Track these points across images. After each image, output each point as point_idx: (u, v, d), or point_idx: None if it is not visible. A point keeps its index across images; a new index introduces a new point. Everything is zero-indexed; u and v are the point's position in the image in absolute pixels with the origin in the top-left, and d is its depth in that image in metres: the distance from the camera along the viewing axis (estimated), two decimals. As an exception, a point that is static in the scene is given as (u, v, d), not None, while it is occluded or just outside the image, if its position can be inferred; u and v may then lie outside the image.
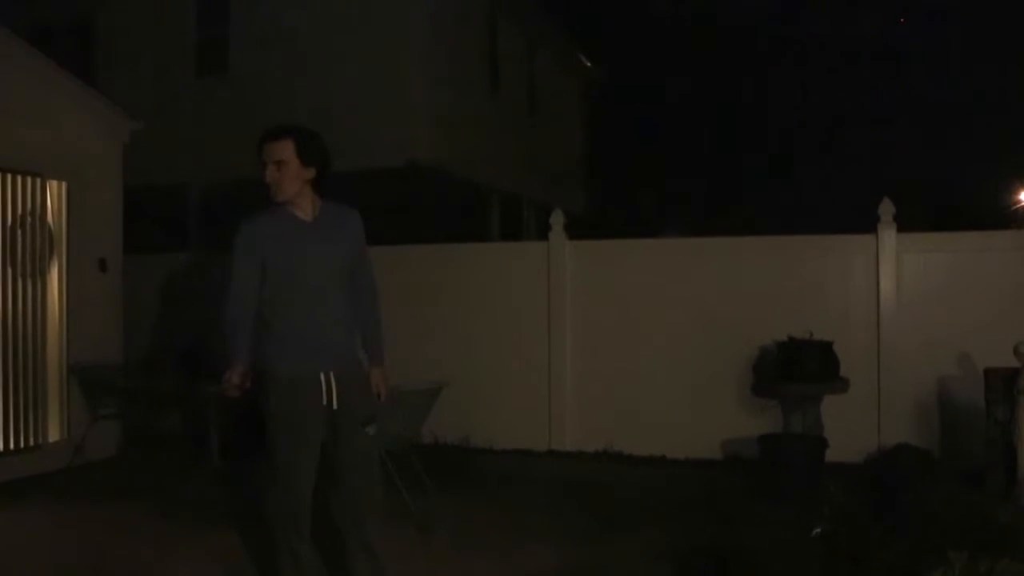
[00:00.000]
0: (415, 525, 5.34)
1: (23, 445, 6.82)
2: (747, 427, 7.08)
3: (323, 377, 3.65)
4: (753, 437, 6.60)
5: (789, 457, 6.15)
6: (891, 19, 24.72)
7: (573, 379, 7.80)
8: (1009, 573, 2.70)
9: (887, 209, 7.13)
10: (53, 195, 7.13)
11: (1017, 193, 23.30)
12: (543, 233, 8.11)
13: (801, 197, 22.03)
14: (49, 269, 7.10)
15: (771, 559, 4.65)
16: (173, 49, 12.86)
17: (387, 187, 11.10)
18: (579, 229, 8.53)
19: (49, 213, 7.10)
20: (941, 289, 7.06)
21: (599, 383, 7.73)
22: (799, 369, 6.60)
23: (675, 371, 7.51)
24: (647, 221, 20.04)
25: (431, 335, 8.02)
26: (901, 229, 7.13)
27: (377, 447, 3.97)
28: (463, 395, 7.16)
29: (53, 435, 7.07)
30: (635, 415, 7.55)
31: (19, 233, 6.81)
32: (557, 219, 7.93)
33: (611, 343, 7.73)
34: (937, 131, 23.31)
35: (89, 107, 7.48)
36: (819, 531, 5.02)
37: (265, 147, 3.68)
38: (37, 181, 6.96)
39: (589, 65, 18.95)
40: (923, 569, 2.98)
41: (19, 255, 6.81)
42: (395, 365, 4.49)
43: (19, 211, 6.82)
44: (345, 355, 3.76)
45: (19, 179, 6.81)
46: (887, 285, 7.11)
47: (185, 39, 12.96)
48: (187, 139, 12.06)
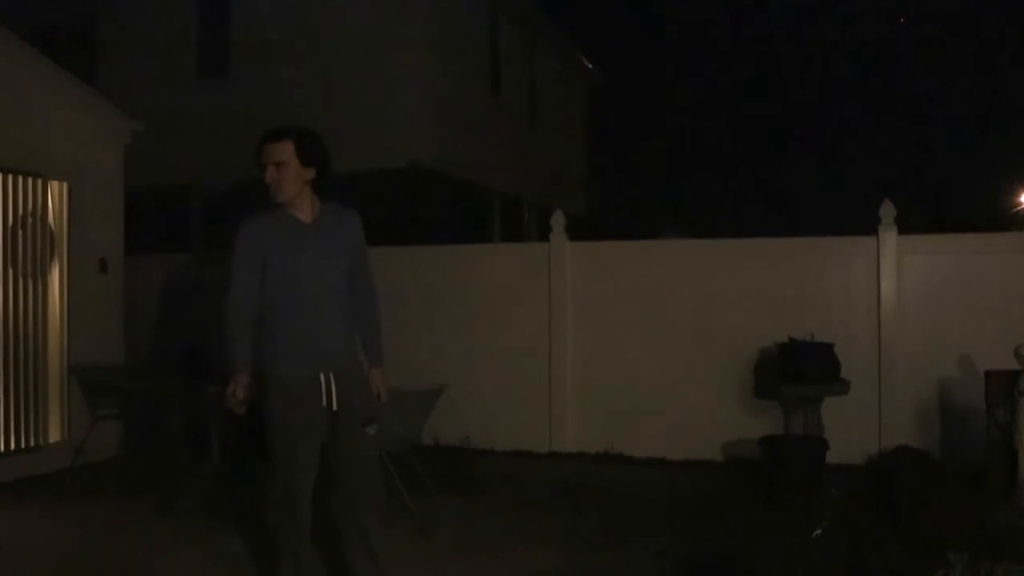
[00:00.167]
0: (416, 526, 5.33)
1: (24, 446, 6.82)
2: (748, 429, 7.07)
3: (323, 378, 3.66)
4: (754, 439, 6.59)
5: (790, 459, 6.14)
6: (891, 19, 24.73)
7: (574, 380, 7.80)
8: (1010, 575, 2.70)
9: (888, 211, 7.13)
10: (54, 196, 7.14)
11: (1018, 195, 23.30)
12: (544, 234, 8.11)
13: (802, 198, 22.04)
14: (50, 269, 7.10)
15: (772, 561, 4.65)
16: (174, 50, 12.88)
17: (388, 188, 11.12)
18: (580, 230, 8.54)
19: (50, 213, 7.10)
20: (942, 291, 7.06)
21: (600, 384, 7.72)
22: (800, 371, 6.59)
23: (676, 372, 7.51)
24: (648, 222, 20.04)
25: (432, 336, 8.02)
26: (902, 231, 7.13)
27: (377, 448, 3.97)
28: (464, 396, 7.17)
29: (54, 436, 7.07)
30: (636, 416, 7.55)
31: (20, 233, 6.82)
32: (558, 220, 7.93)
33: (612, 344, 7.73)
34: (938, 132, 23.31)
35: (90, 108, 7.48)
36: (820, 532, 5.03)
37: (265, 148, 3.68)
38: (38, 182, 6.97)
39: (590, 67, 18.97)
40: (923, 571, 2.98)
41: (20, 255, 6.82)
42: (396, 366, 4.50)
43: (20, 211, 6.82)
44: (345, 356, 3.76)
45: (20, 179, 6.82)
46: (888, 287, 7.10)
47: (186, 40, 12.98)
48: (188, 140, 12.07)
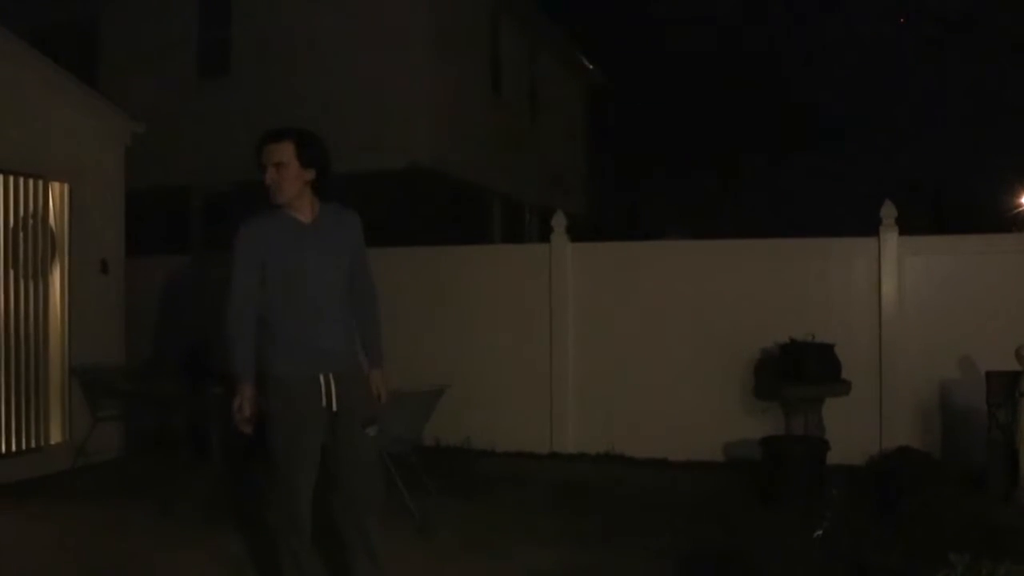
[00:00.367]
0: (416, 527, 5.34)
1: (25, 447, 6.83)
2: (749, 429, 7.07)
3: (322, 379, 3.65)
4: (755, 439, 6.59)
5: (791, 459, 6.14)
6: (892, 19, 24.74)
7: (575, 381, 7.80)
8: (1011, 575, 2.70)
9: (889, 212, 7.13)
10: (55, 197, 7.14)
11: (1019, 196, 23.29)
12: (545, 235, 8.12)
13: (803, 199, 22.03)
14: (51, 271, 7.10)
15: (772, 561, 4.65)
16: (175, 51, 12.87)
17: (389, 189, 11.12)
18: (581, 231, 8.54)
19: (51, 215, 7.10)
20: (943, 292, 7.06)
21: (601, 385, 7.72)
22: (801, 371, 6.59)
23: (677, 373, 7.50)
24: (648, 223, 20.05)
25: (433, 337, 8.02)
26: (903, 232, 7.13)
27: (377, 449, 3.97)
28: (465, 397, 7.17)
29: (55, 437, 7.07)
30: (637, 417, 7.55)
31: (21, 235, 6.82)
32: (559, 221, 7.93)
33: (612, 345, 7.73)
34: (939, 133, 23.31)
35: (91, 109, 7.49)
36: (820, 533, 5.03)
37: (265, 149, 3.67)
38: (39, 183, 6.97)
39: (591, 68, 18.97)
40: (924, 571, 2.98)
41: (21, 257, 6.82)
42: (396, 367, 4.50)
43: (21, 213, 6.83)
44: (344, 357, 3.76)
45: (21, 181, 6.82)
46: (889, 288, 7.10)
47: (187, 41, 12.97)
48: (189, 141, 12.07)
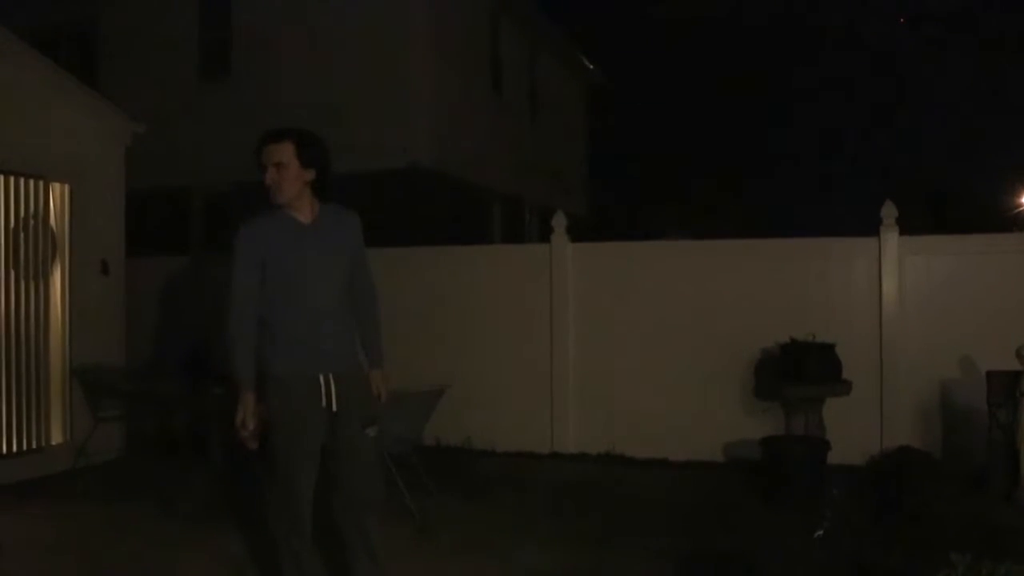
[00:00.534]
0: (416, 527, 5.34)
1: (26, 448, 6.82)
2: (749, 429, 7.07)
3: (322, 379, 3.65)
4: (755, 439, 6.59)
5: (791, 459, 6.14)
6: (893, 19, 24.74)
7: (575, 381, 7.80)
8: (1012, 575, 2.69)
9: (890, 212, 7.12)
10: (56, 198, 7.14)
11: (1020, 195, 23.28)
12: (545, 235, 8.12)
13: (804, 198, 22.04)
14: (52, 271, 7.11)
15: (773, 561, 4.65)
16: (175, 52, 12.88)
17: (389, 189, 11.12)
18: (581, 231, 8.54)
19: (52, 216, 7.10)
20: (943, 292, 7.06)
21: (601, 385, 7.72)
22: (801, 371, 6.60)
23: (677, 373, 7.50)
24: (649, 223, 20.04)
25: (433, 337, 8.02)
26: (903, 232, 7.13)
27: (378, 449, 3.97)
28: (465, 397, 7.17)
29: (56, 437, 7.08)
30: (637, 417, 7.55)
31: (22, 236, 6.82)
32: (559, 221, 7.93)
33: (613, 345, 7.73)
34: (940, 133, 23.30)
35: (91, 110, 7.49)
36: (821, 533, 5.03)
37: (265, 149, 3.67)
38: (40, 184, 6.97)
39: (591, 68, 18.97)
40: (925, 571, 2.98)
41: (22, 257, 6.82)
42: (397, 367, 4.49)
43: (22, 214, 6.83)
44: (344, 357, 3.76)
45: (22, 182, 6.82)
46: (889, 287, 7.10)
47: (187, 42, 12.98)
48: (189, 141, 12.07)
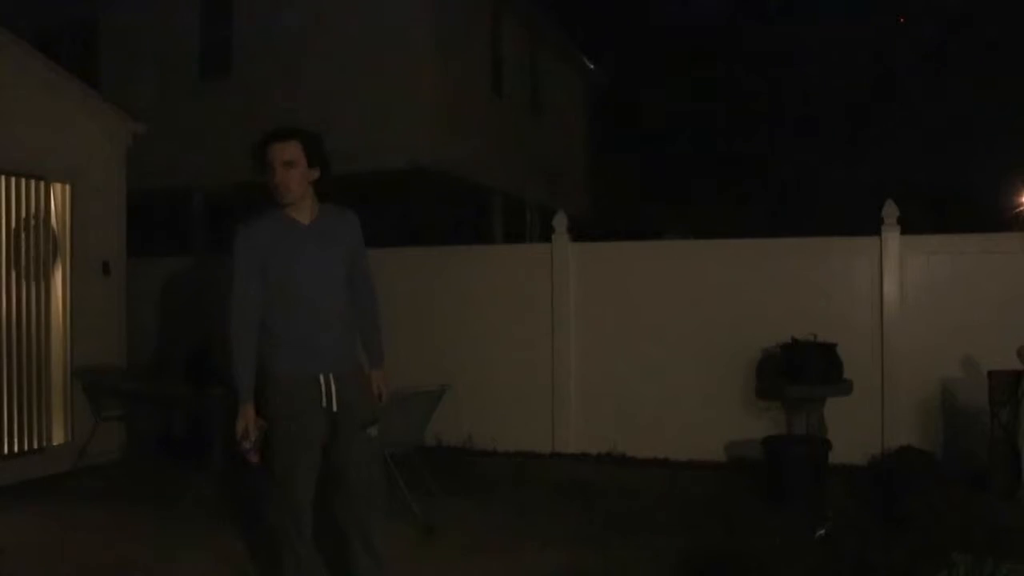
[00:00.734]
0: (418, 527, 5.33)
1: (27, 448, 6.83)
2: (750, 429, 7.07)
3: (323, 379, 3.66)
4: (756, 439, 6.59)
5: (792, 459, 6.14)
6: (893, 19, 24.72)
7: (576, 381, 7.80)
8: (1014, 575, 2.69)
9: (891, 211, 7.12)
10: (57, 198, 7.14)
11: (1021, 195, 23.24)
12: (546, 235, 8.11)
13: (805, 198, 22.01)
14: (53, 272, 7.11)
15: (774, 561, 4.64)
16: (176, 51, 12.89)
17: (390, 189, 11.12)
18: (582, 231, 8.53)
19: (53, 216, 7.11)
20: (945, 291, 7.05)
21: (602, 385, 7.72)
22: (803, 371, 6.59)
23: (678, 373, 7.50)
24: (650, 223, 20.02)
25: (434, 337, 8.02)
26: (905, 231, 7.12)
27: (379, 449, 3.97)
28: (466, 397, 7.17)
29: (57, 438, 7.08)
30: (638, 417, 7.55)
31: (23, 236, 6.82)
32: (560, 221, 7.93)
33: (614, 345, 7.73)
34: (941, 132, 23.28)
35: (92, 110, 7.49)
36: (822, 533, 5.03)
37: (271, 148, 3.65)
38: (41, 184, 6.97)
39: (592, 67, 18.97)
40: (927, 571, 2.98)
41: (23, 258, 6.82)
42: (398, 367, 4.50)
43: (23, 214, 6.83)
44: (344, 357, 3.76)
45: (23, 182, 6.82)
46: (891, 287, 7.10)
47: (188, 42, 12.98)
48: (190, 142, 12.07)
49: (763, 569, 4.57)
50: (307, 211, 3.72)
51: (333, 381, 3.67)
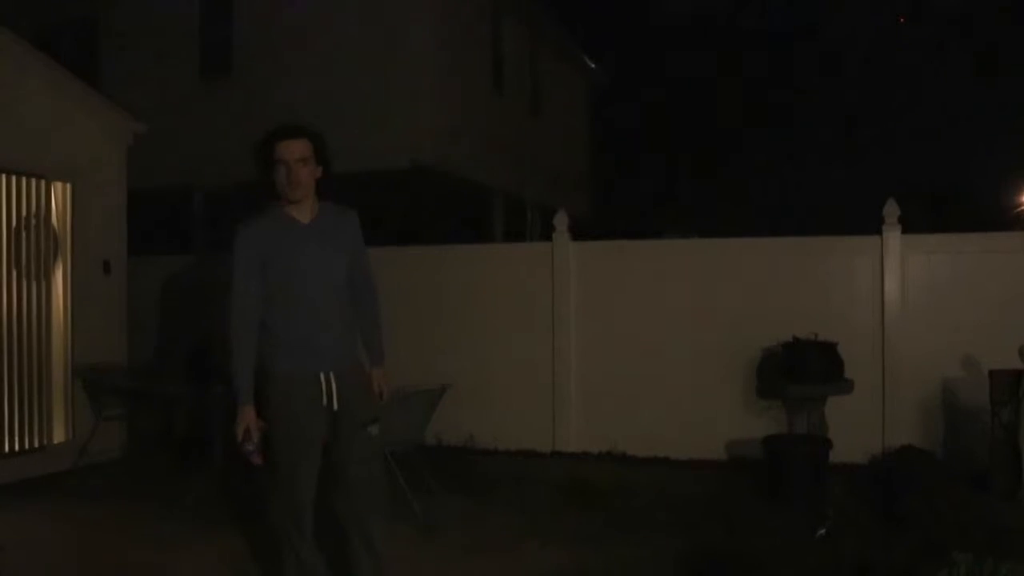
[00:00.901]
0: (419, 526, 5.33)
1: (28, 446, 6.83)
2: (751, 428, 7.07)
3: (323, 377, 3.65)
4: (757, 438, 6.59)
5: (793, 458, 6.13)
6: (893, 18, 24.72)
7: (577, 380, 7.79)
8: (1014, 575, 2.69)
9: (892, 210, 7.12)
10: (57, 197, 7.14)
11: (1022, 194, 23.24)
12: (547, 234, 8.11)
13: (806, 197, 22.01)
14: (53, 271, 7.11)
15: (775, 560, 4.64)
16: (177, 51, 12.89)
17: (391, 188, 11.12)
18: (583, 230, 8.53)
19: (53, 215, 7.11)
20: (946, 290, 7.05)
21: (603, 384, 7.72)
22: (803, 370, 6.59)
23: (679, 372, 7.50)
24: (650, 222, 20.03)
25: (434, 336, 8.02)
26: (906, 230, 7.11)
27: (380, 447, 3.97)
28: (467, 396, 7.16)
29: (58, 436, 7.08)
30: (639, 416, 7.55)
31: (24, 235, 6.83)
32: (561, 220, 7.92)
33: (615, 344, 7.72)
34: (942, 131, 23.27)
35: (93, 109, 7.49)
36: (823, 532, 5.02)
37: (285, 144, 3.63)
38: (41, 183, 6.97)
39: (593, 66, 18.97)
40: (928, 570, 2.97)
41: (24, 257, 6.82)
42: (398, 366, 4.49)
43: (24, 213, 6.83)
44: (345, 355, 3.75)
45: (23, 181, 6.82)
46: (892, 286, 7.10)
47: (189, 41, 12.99)
48: (191, 141, 12.08)
49: (763, 568, 4.56)
50: (308, 210, 3.72)
51: (334, 380, 3.66)
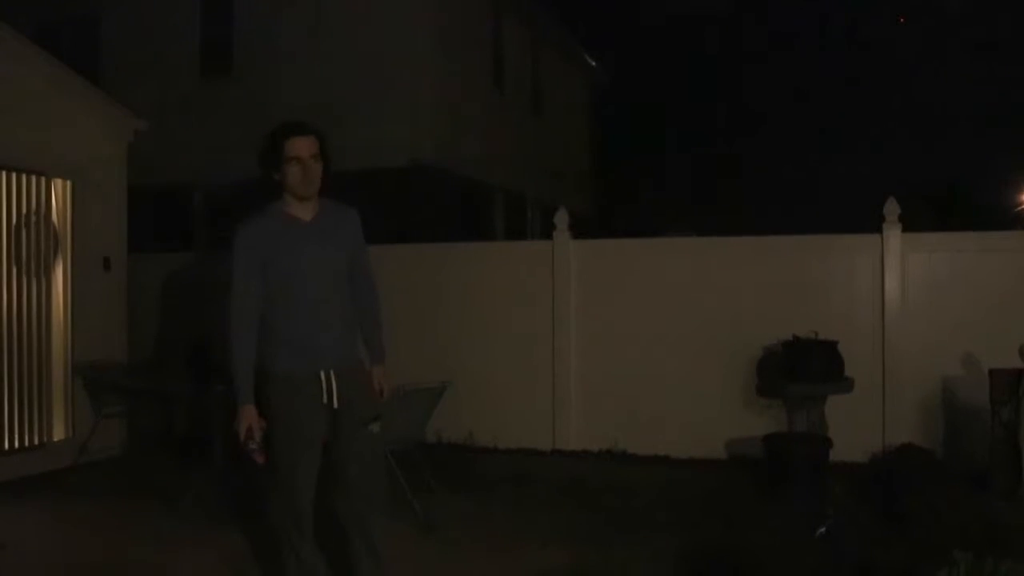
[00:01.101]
0: (419, 524, 5.33)
1: (28, 444, 6.83)
2: (751, 427, 7.07)
3: (323, 375, 3.65)
4: (757, 437, 6.59)
5: (793, 457, 6.14)
6: (893, 18, 24.71)
7: (577, 378, 7.79)
8: (1014, 574, 2.69)
9: (892, 209, 7.11)
10: (58, 194, 7.14)
11: (1022, 194, 23.24)
12: (547, 232, 8.10)
13: (806, 196, 22.01)
14: (54, 268, 7.11)
15: (775, 559, 4.64)
16: (177, 49, 12.89)
17: (391, 186, 11.11)
18: (583, 228, 8.53)
19: (54, 212, 7.10)
20: (946, 289, 7.04)
21: (603, 382, 7.72)
22: (804, 369, 6.58)
23: (679, 371, 7.49)
24: (651, 220, 20.03)
25: (435, 334, 8.02)
26: (906, 229, 7.11)
27: (380, 445, 3.97)
28: (467, 394, 7.17)
29: (58, 434, 7.08)
30: (639, 415, 7.55)
31: (24, 232, 6.82)
32: (561, 218, 7.92)
33: (615, 343, 7.72)
34: (943, 130, 23.27)
35: (94, 106, 7.49)
36: (823, 531, 5.02)
37: (297, 141, 3.62)
38: (42, 180, 6.97)
39: (593, 64, 18.96)
40: (928, 569, 2.97)
41: (24, 254, 6.82)
42: (399, 364, 4.49)
43: (24, 210, 6.83)
44: (345, 354, 3.75)
45: (24, 178, 6.82)
46: (892, 285, 7.09)
47: (189, 39, 12.98)
48: (191, 138, 12.07)
49: (763, 567, 4.56)
50: (309, 208, 3.72)
51: (334, 377, 3.66)
